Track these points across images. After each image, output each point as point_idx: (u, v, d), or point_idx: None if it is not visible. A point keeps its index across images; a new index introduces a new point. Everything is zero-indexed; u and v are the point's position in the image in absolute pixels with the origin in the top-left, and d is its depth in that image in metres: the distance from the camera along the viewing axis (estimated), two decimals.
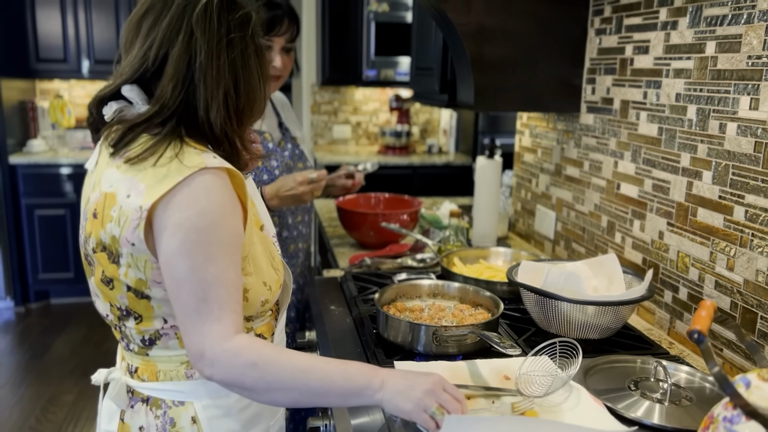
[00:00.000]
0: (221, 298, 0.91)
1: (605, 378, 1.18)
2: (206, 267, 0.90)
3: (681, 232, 1.40)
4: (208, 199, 0.90)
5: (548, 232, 2.04)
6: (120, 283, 0.97)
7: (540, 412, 1.05)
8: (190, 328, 0.90)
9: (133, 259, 0.94)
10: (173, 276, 0.90)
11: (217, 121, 0.95)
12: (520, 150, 2.29)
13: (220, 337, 0.90)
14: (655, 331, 1.48)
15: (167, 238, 0.89)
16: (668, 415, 1.05)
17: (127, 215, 0.92)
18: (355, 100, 4.70)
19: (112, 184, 0.95)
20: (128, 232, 0.92)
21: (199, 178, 0.90)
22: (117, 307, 1.01)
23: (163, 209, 0.90)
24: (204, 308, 0.90)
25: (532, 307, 1.38)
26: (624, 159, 1.60)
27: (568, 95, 1.80)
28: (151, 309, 0.99)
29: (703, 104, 1.31)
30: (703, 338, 0.84)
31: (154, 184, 0.90)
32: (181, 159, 0.92)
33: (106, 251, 0.96)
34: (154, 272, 0.94)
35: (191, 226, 0.89)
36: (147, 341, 1.03)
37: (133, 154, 0.93)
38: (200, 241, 0.89)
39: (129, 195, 0.92)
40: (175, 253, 0.89)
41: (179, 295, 0.90)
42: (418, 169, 4.20)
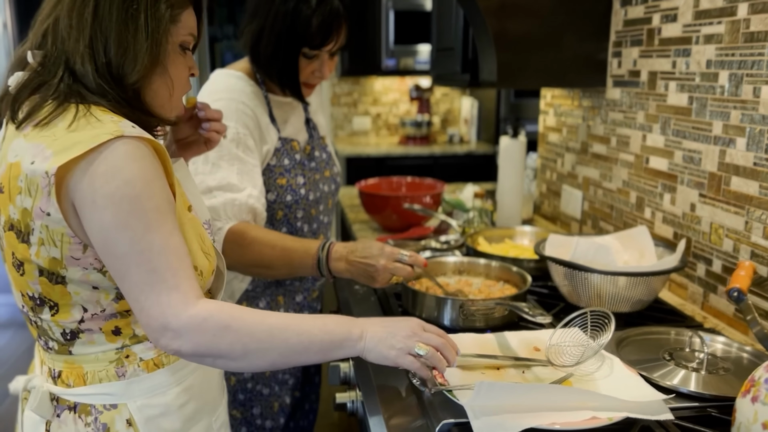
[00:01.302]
0: (172, 265, 0.84)
1: (638, 349, 1.15)
2: (147, 236, 0.83)
3: (714, 202, 1.36)
4: (134, 166, 0.83)
5: (575, 212, 2.01)
6: (31, 266, 0.88)
7: (574, 381, 1.03)
8: (145, 303, 0.83)
9: (47, 233, 0.85)
10: (115, 253, 0.83)
11: (87, 75, 0.87)
12: (545, 130, 2.26)
13: (182, 303, 0.84)
14: (687, 305, 1.44)
15: (99, 213, 0.82)
16: (705, 383, 1.02)
17: (36, 183, 0.83)
18: (375, 91, 4.68)
19: (17, 153, 0.86)
20: (42, 201, 0.83)
21: (120, 146, 0.83)
22: (29, 296, 0.91)
23: (81, 179, 0.82)
24: (156, 279, 0.83)
25: (560, 280, 1.35)
26: (653, 132, 1.57)
27: (593, 70, 1.77)
28: (68, 295, 0.89)
29: (735, 69, 1.27)
30: (743, 296, 0.81)
31: (62, 150, 0.82)
32: (94, 126, 0.84)
33: (14, 229, 0.87)
34: (72, 247, 0.85)
35: (122, 195, 0.82)
36: (68, 335, 0.93)
37: (40, 116, 0.86)
38: (135, 210, 0.82)
39: (33, 161, 0.83)
40: (111, 227, 0.82)
41: (127, 273, 0.83)
42: (440, 159, 4.17)
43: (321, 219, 1.59)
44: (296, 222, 1.52)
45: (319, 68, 1.43)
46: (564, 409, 0.92)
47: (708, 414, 0.96)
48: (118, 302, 0.92)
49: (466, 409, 0.91)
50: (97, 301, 0.90)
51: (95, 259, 0.87)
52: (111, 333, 0.93)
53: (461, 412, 0.92)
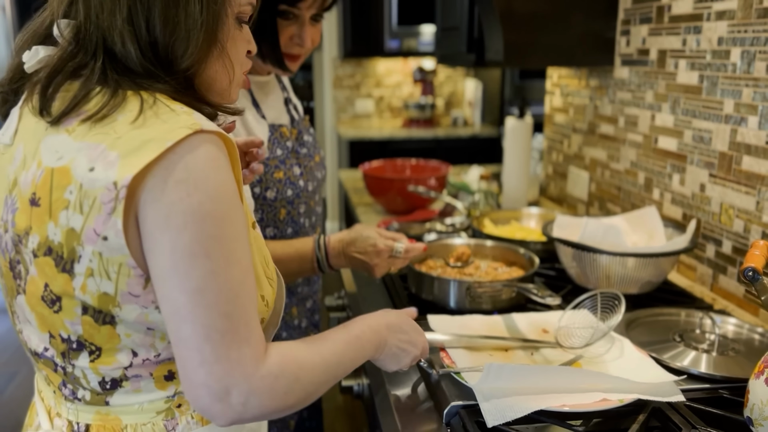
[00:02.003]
0: (247, 310, 0.68)
1: (648, 330, 1.13)
2: (228, 270, 0.66)
3: (724, 182, 1.34)
4: (219, 176, 0.66)
5: (581, 194, 1.99)
6: (73, 302, 0.70)
7: (583, 363, 1.02)
8: (210, 355, 0.65)
9: (100, 262, 0.67)
10: (183, 287, 0.65)
11: (132, 57, 0.70)
12: (551, 111, 2.23)
13: (254, 361, 0.67)
14: (696, 287, 1.42)
15: (173, 234, 0.64)
16: (716, 364, 1.01)
17: (93, 197, 0.65)
18: (378, 73, 4.64)
19: (62, 155, 0.68)
20: (98, 221, 0.65)
21: (200, 146, 0.66)
22: (63, 338, 0.73)
23: (154, 190, 0.64)
24: (229, 327, 0.66)
25: (568, 262, 1.33)
26: (662, 111, 1.54)
27: (601, 49, 1.74)
28: (116, 338, 0.72)
29: (748, 46, 1.25)
30: (759, 276, 0.79)
31: (132, 151, 0.64)
32: (165, 118, 0.67)
33: (52, 254, 0.68)
34: (131, 281, 0.68)
35: (206, 214, 0.65)
36: (107, 384, 0.75)
37: (92, 108, 0.68)
38: (219, 236, 0.65)
39: (93, 168, 0.65)
40: (186, 253, 0.64)
41: (191, 315, 0.65)
42: (443, 143, 4.14)
43: (317, 211, 1.47)
44: (299, 218, 1.38)
45: (298, 33, 1.26)
46: (574, 390, 0.91)
47: (720, 396, 0.95)
48: None
49: (474, 392, 0.90)
50: (151, 344, 0.73)
51: None
52: (162, 378, 0.76)
53: (470, 395, 0.91)
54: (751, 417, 0.84)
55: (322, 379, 0.75)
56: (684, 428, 0.85)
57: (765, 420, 0.81)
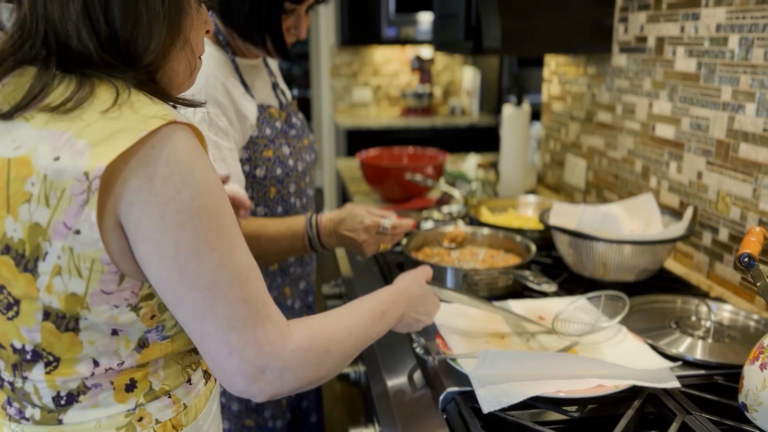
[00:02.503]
0: (260, 290, 0.67)
1: (645, 317, 1.14)
2: (235, 257, 0.65)
3: (721, 170, 1.34)
4: (202, 166, 0.64)
5: (579, 182, 1.98)
6: (33, 306, 0.64)
7: (579, 350, 1.02)
8: (238, 342, 0.64)
9: (71, 258, 0.62)
10: (196, 285, 0.63)
11: (89, 51, 0.64)
12: (549, 99, 2.22)
13: (281, 336, 0.67)
14: (693, 274, 1.43)
15: (172, 234, 0.61)
16: (711, 351, 1.01)
17: (61, 188, 0.60)
18: (375, 62, 4.62)
19: (20, 144, 0.62)
20: (69, 213, 0.60)
21: (176, 137, 0.63)
22: (16, 348, 0.67)
23: (138, 186, 0.61)
24: (249, 311, 0.65)
25: (565, 249, 1.33)
26: (660, 99, 1.54)
27: (599, 36, 1.73)
28: (78, 346, 0.67)
29: (746, 32, 1.24)
30: (755, 262, 0.79)
31: (103, 140, 0.60)
32: (138, 107, 0.63)
33: (11, 252, 0.63)
34: (104, 278, 0.64)
35: (200, 207, 0.62)
36: (62, 399, 0.69)
37: (56, 98, 0.63)
38: (217, 226, 0.64)
39: (58, 157, 0.60)
40: (191, 251, 0.62)
41: (211, 309, 0.63)
42: (441, 132, 4.13)
43: (308, 192, 1.46)
44: (290, 198, 1.38)
45: (295, 25, 1.29)
46: (569, 377, 0.91)
47: (714, 381, 0.95)
48: (140, 352, 0.71)
49: (470, 378, 0.90)
50: (114, 351, 0.69)
51: (133, 292, 0.66)
52: (123, 389, 0.72)
53: (466, 381, 0.92)
54: (746, 403, 0.84)
55: (350, 352, 0.76)
56: (679, 414, 0.85)
57: (759, 405, 0.82)
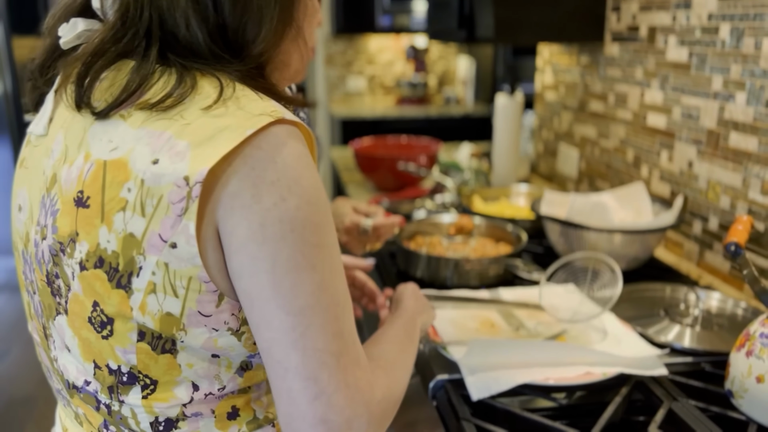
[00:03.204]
0: (352, 324, 0.59)
1: (634, 305, 1.14)
2: (334, 282, 0.57)
3: (712, 159, 1.34)
4: (311, 175, 0.56)
5: (571, 171, 1.99)
6: (128, 326, 0.58)
7: (568, 338, 1.03)
8: (328, 385, 0.54)
9: (166, 275, 0.55)
10: (290, 307, 0.54)
11: (198, 41, 0.59)
12: (542, 89, 2.22)
13: (370, 385, 0.58)
14: (683, 263, 1.43)
15: (270, 246, 0.54)
16: (699, 338, 1.02)
17: (159, 195, 0.54)
18: (370, 51, 4.61)
19: (117, 145, 0.57)
20: (165, 224, 0.54)
21: (284, 138, 0.56)
22: (112, 369, 0.61)
23: (242, 191, 0.54)
24: (342, 348, 0.56)
25: (556, 238, 1.34)
26: (651, 88, 1.54)
27: (592, 25, 1.73)
28: (176, 369, 0.60)
29: (737, 21, 1.24)
30: (741, 250, 0.80)
31: (205, 140, 0.54)
32: (243, 104, 0.56)
33: (104, 266, 0.57)
34: (202, 298, 0.56)
35: (306, 220, 0.55)
36: (161, 426, 0.62)
37: (155, 95, 0.57)
38: (320, 243, 0.56)
39: (157, 160, 0.54)
40: (291, 267, 0.54)
41: (302, 337, 0.54)
42: (436, 122, 4.13)
43: None
44: None
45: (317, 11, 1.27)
46: (558, 364, 0.92)
47: (702, 369, 0.96)
48: (243, 375, 0.63)
49: (459, 366, 0.91)
50: (215, 375, 0.61)
51: (233, 314, 0.58)
52: (225, 417, 0.64)
53: (456, 368, 0.92)
54: (732, 389, 0.85)
55: (403, 391, 0.67)
56: (666, 401, 0.86)
57: (745, 392, 0.83)
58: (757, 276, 0.81)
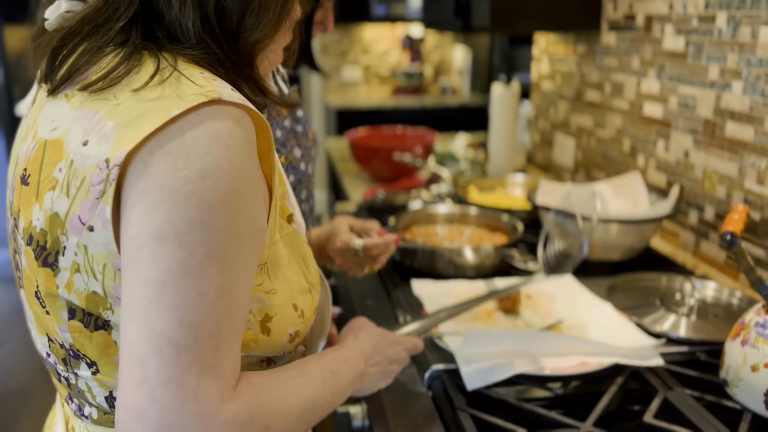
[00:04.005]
0: (220, 330, 0.51)
1: (630, 295, 1.14)
2: (207, 270, 0.50)
3: (708, 148, 1.34)
4: (223, 155, 0.52)
5: (567, 161, 1.98)
6: (57, 304, 0.57)
7: (564, 328, 1.03)
8: (157, 376, 0.48)
9: (86, 257, 0.54)
10: (143, 277, 0.49)
11: (188, 24, 0.57)
12: (538, 79, 2.21)
13: (218, 398, 0.50)
14: (679, 252, 1.44)
15: (143, 210, 0.50)
16: (695, 328, 1.02)
17: (82, 177, 0.53)
18: (365, 40, 4.59)
19: (57, 125, 0.57)
20: (85, 206, 0.53)
21: (211, 117, 0.53)
22: (59, 344, 0.60)
23: (139, 160, 0.51)
24: (189, 343, 0.49)
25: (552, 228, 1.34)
26: (648, 77, 1.53)
27: (588, 14, 1.72)
28: (113, 347, 0.58)
29: (734, 10, 1.24)
30: (736, 239, 0.80)
31: (131, 121, 0.52)
32: (178, 84, 0.54)
33: (32, 244, 0.57)
34: (117, 286, 0.55)
35: (189, 193, 0.50)
36: (115, 401, 0.58)
37: (95, 73, 0.56)
38: (202, 223, 0.50)
39: (87, 141, 0.54)
40: (155, 236, 0.50)
41: (143, 312, 0.49)
42: (432, 112, 4.11)
43: (314, 193, 1.30)
44: (301, 204, 1.18)
45: (322, 19, 1.24)
46: (554, 354, 0.92)
47: (697, 358, 0.96)
48: None
49: (455, 356, 0.91)
50: None
51: None
52: None
53: (451, 359, 0.92)
54: (726, 378, 0.86)
55: (294, 427, 0.58)
56: (661, 390, 0.86)
57: (740, 381, 0.83)
58: (752, 265, 0.81)
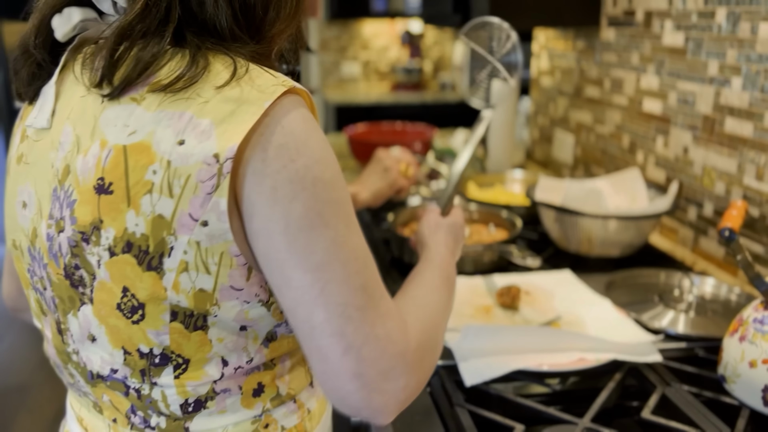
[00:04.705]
0: (376, 278, 0.58)
1: (629, 291, 1.14)
2: (351, 237, 0.57)
3: (707, 145, 1.34)
4: (318, 137, 0.58)
5: (566, 157, 1.98)
6: (160, 308, 0.59)
7: (562, 323, 1.03)
8: (355, 337, 0.54)
9: (198, 253, 0.56)
10: (307, 264, 0.54)
11: (221, 20, 0.59)
12: (537, 74, 2.21)
13: (403, 335, 0.57)
14: (678, 249, 1.43)
15: (282, 206, 0.54)
16: (693, 324, 1.02)
17: (186, 175, 0.54)
18: (364, 36, 4.58)
19: (135, 129, 0.56)
20: (194, 203, 0.55)
21: (290, 106, 0.57)
22: (143, 353, 0.61)
23: (253, 157, 0.55)
24: (367, 301, 0.55)
25: (551, 224, 1.34)
26: (647, 73, 1.53)
27: (588, 9, 1.71)
28: (207, 345, 0.61)
29: (734, 5, 1.23)
30: (735, 235, 0.80)
31: (227, 116, 0.55)
32: (252, 76, 0.57)
33: (133, 250, 0.57)
34: (233, 272, 0.58)
35: (315, 178, 0.55)
36: (191, 407, 0.63)
37: (167, 76, 0.57)
38: (332, 200, 0.56)
39: (183, 140, 0.55)
40: (303, 226, 0.54)
41: (322, 293, 0.54)
42: (431, 108, 4.11)
43: None
44: None
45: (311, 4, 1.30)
46: (552, 350, 0.92)
47: (695, 354, 0.96)
48: (268, 346, 0.64)
49: (453, 352, 0.91)
50: (243, 348, 0.63)
51: (261, 287, 0.60)
52: (251, 394, 0.66)
53: (449, 355, 0.92)
54: (724, 374, 0.86)
55: (442, 332, 0.68)
56: (659, 386, 0.86)
57: (737, 377, 0.83)
58: (750, 261, 0.81)
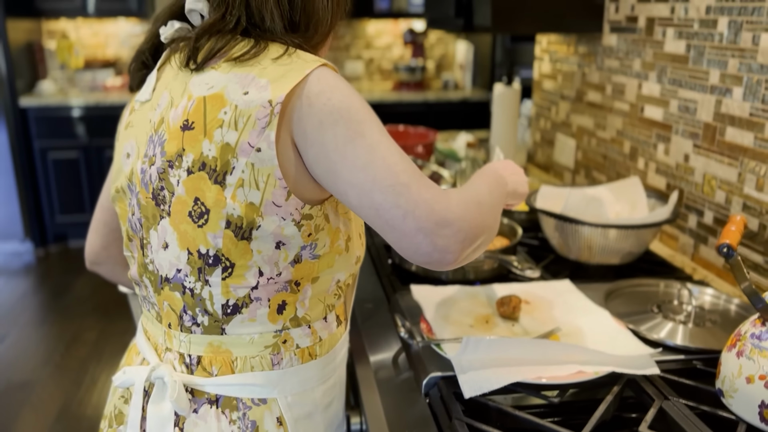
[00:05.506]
0: (411, 164, 0.74)
1: (628, 301, 1.15)
2: (385, 140, 0.74)
3: (708, 153, 1.34)
4: (345, 83, 0.77)
5: (568, 161, 1.98)
6: (219, 215, 0.76)
7: (561, 336, 1.03)
8: (408, 203, 0.70)
9: (251, 172, 0.74)
10: (357, 166, 0.71)
11: (277, 30, 0.80)
12: (539, 78, 2.21)
13: (443, 194, 0.73)
14: (677, 256, 1.44)
15: (329, 132, 0.73)
16: (692, 336, 1.03)
17: (248, 114, 0.74)
18: (368, 35, 4.57)
19: (213, 85, 0.77)
20: (252, 134, 0.74)
21: (325, 72, 0.76)
22: (201, 253, 0.78)
23: (300, 106, 0.74)
24: (410, 177, 0.72)
25: (551, 232, 1.34)
26: (649, 80, 1.53)
27: (590, 15, 1.71)
28: (249, 254, 0.78)
29: (735, 15, 1.23)
30: (733, 252, 0.80)
31: (279, 77, 0.75)
32: (299, 57, 0.78)
33: (206, 168, 0.76)
34: (276, 192, 0.75)
35: (348, 107, 0.73)
36: (230, 308, 0.81)
37: (238, 52, 0.78)
38: (365, 119, 0.74)
39: (247, 92, 0.75)
40: (347, 141, 0.72)
41: (375, 181, 0.71)
42: (434, 107, 4.11)
43: None
44: None
45: None
46: (551, 363, 0.92)
47: (693, 367, 0.97)
48: (294, 266, 0.80)
49: (453, 363, 0.91)
50: (276, 262, 0.79)
51: (296, 209, 0.77)
52: (276, 310, 0.82)
53: (449, 366, 0.93)
54: (722, 389, 0.86)
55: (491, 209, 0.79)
56: (657, 399, 0.87)
57: (735, 392, 0.83)
58: (748, 278, 0.81)
